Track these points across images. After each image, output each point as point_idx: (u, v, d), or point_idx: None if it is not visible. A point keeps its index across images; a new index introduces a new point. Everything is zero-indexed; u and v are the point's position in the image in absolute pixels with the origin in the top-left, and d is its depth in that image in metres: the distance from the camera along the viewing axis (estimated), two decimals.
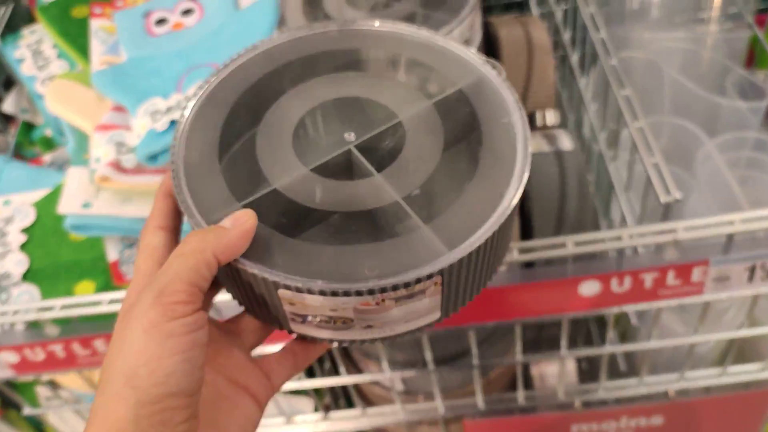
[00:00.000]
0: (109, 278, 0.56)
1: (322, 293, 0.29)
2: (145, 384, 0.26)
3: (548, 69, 0.74)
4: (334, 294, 0.29)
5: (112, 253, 0.56)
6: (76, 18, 0.70)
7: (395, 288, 0.29)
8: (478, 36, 0.64)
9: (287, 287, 0.29)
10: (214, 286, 0.34)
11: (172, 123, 0.54)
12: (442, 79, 0.38)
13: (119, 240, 0.57)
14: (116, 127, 0.57)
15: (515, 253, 0.45)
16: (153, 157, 0.53)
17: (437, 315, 0.33)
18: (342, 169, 0.34)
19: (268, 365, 0.34)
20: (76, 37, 0.68)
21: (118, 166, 0.54)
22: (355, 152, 0.34)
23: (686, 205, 0.64)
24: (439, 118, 0.36)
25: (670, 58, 0.82)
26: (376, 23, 0.41)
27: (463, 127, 0.36)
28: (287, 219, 0.32)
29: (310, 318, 0.31)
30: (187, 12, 0.64)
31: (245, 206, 0.31)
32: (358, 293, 0.29)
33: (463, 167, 0.34)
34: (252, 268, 0.29)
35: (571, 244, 0.45)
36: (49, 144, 0.75)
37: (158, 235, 0.33)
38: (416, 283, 0.29)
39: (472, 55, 0.39)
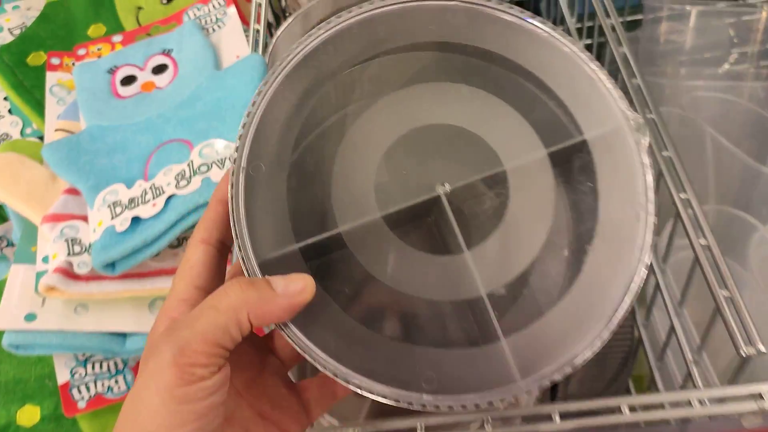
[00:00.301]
0: (58, 403, 0.46)
1: (370, 392, 0.26)
2: None
3: None
4: (384, 397, 0.26)
5: (62, 373, 0.46)
6: (33, 66, 0.60)
7: (450, 408, 0.26)
8: None
9: (335, 375, 0.26)
10: None
11: (135, 221, 0.44)
12: (567, 118, 0.31)
13: (72, 356, 0.47)
14: (69, 218, 0.47)
15: (556, 419, 0.36)
16: (111, 265, 0.44)
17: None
18: (423, 218, 0.30)
19: (307, 392, 0.31)
20: (31, 89, 0.58)
21: (68, 272, 0.44)
22: (445, 206, 0.29)
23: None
24: (551, 179, 0.30)
25: (705, 109, 0.72)
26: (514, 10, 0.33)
27: (578, 201, 0.30)
28: (346, 284, 0.28)
29: None
30: (159, 69, 0.54)
31: (301, 249, 0.28)
32: (409, 404, 0.26)
33: (565, 265, 0.29)
34: (297, 342, 0.26)
35: (626, 408, 0.36)
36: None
37: (199, 249, 0.29)
38: (474, 408, 0.26)
39: (615, 95, 0.31)
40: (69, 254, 0.45)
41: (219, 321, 0.25)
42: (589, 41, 0.71)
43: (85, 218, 0.47)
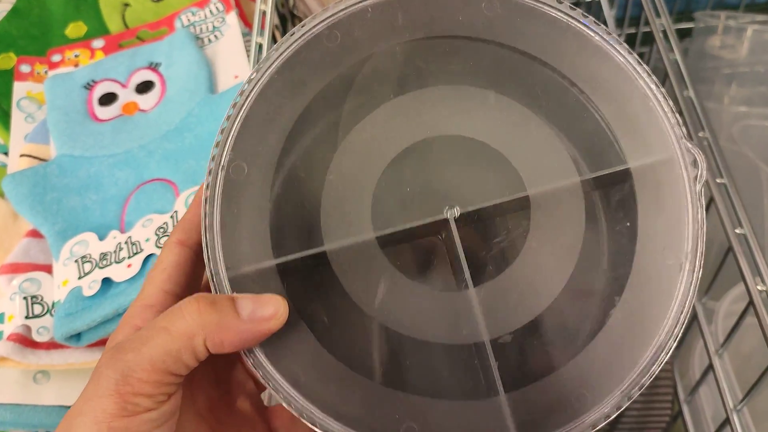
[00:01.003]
0: None
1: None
2: None
3: None
4: None
5: None
6: (2, 70, 0.52)
7: None
8: None
9: (300, 414, 0.23)
10: None
11: (106, 283, 0.37)
12: (610, 141, 0.26)
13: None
14: (31, 268, 0.40)
15: None
16: (76, 336, 0.37)
17: None
18: (425, 245, 0.26)
19: (278, 420, 0.28)
20: None
21: (25, 339, 0.37)
22: (453, 232, 0.25)
23: None
24: (582, 212, 0.26)
25: (758, 142, 0.65)
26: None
27: (611, 241, 0.25)
28: (326, 311, 0.24)
29: None
30: (144, 87, 0.46)
31: (279, 266, 0.24)
32: None
33: (586, 318, 0.24)
34: (261, 370, 0.23)
35: None
36: None
37: (174, 251, 0.26)
38: None
39: (672, 120, 0.26)
40: (27, 316, 0.38)
41: (170, 347, 0.22)
42: None
43: (49, 268, 0.40)
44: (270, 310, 0.23)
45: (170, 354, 0.22)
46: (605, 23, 0.64)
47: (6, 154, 0.50)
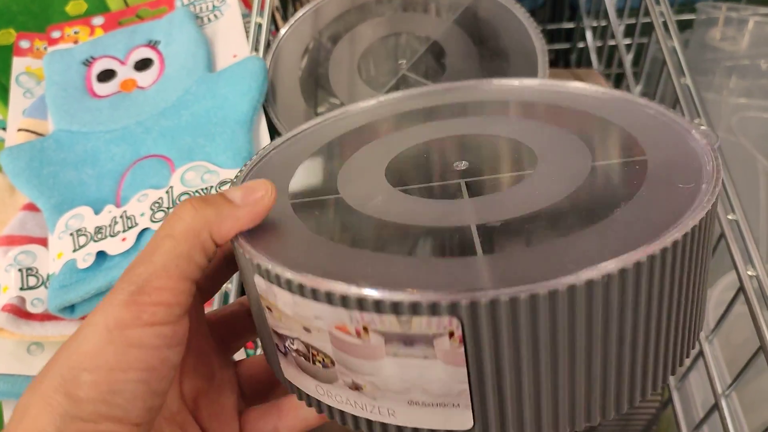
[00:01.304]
0: None
1: (288, 285, 0.20)
2: (83, 395, 0.21)
3: None
4: (300, 289, 0.20)
5: None
6: (1, 46, 0.52)
7: (377, 307, 0.19)
8: None
9: (259, 270, 0.22)
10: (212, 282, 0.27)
11: (101, 256, 0.37)
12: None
13: None
14: (26, 241, 0.41)
15: None
16: (70, 308, 0.37)
17: (467, 420, 0.20)
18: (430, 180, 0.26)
19: (247, 422, 0.27)
20: None
21: (20, 311, 0.38)
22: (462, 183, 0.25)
23: None
24: (588, 150, 0.26)
25: (757, 134, 0.65)
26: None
27: (618, 171, 0.25)
28: (320, 212, 0.25)
29: (288, 343, 0.22)
30: (142, 65, 0.46)
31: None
32: (328, 297, 0.19)
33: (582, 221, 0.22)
34: (238, 245, 0.23)
35: None
36: None
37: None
38: (410, 310, 0.18)
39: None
40: (22, 287, 0.39)
41: (179, 249, 0.22)
42: (628, 41, 0.63)
43: (44, 242, 0.41)
44: (259, 192, 0.24)
45: (181, 256, 0.22)
46: (606, 13, 0.64)
47: (4, 129, 0.50)
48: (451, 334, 0.19)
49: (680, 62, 0.47)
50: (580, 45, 0.76)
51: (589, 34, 0.72)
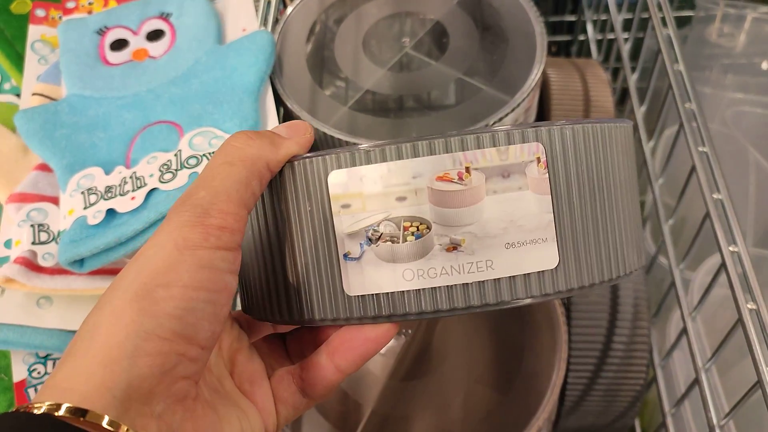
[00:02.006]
0: (12, 401, 0.42)
1: (382, 154, 0.22)
2: (159, 310, 0.20)
3: None
4: (398, 151, 0.22)
5: (19, 370, 0.42)
6: (17, 14, 0.53)
7: (478, 142, 0.22)
8: (533, 113, 0.49)
9: (338, 162, 0.23)
10: None
11: (110, 214, 0.39)
12: None
13: (31, 351, 0.42)
14: (38, 199, 0.42)
15: None
16: (79, 261, 0.39)
17: (554, 255, 0.23)
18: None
19: (275, 384, 0.27)
20: (13, 40, 0.52)
21: (31, 264, 0.39)
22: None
23: None
24: None
25: (750, 127, 0.66)
26: None
27: None
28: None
29: (371, 234, 0.23)
30: (154, 35, 0.48)
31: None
32: (430, 147, 0.22)
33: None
34: (300, 162, 0.24)
35: None
36: None
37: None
38: (506, 140, 0.22)
39: None
40: (34, 242, 0.40)
41: (238, 175, 0.22)
42: (626, 35, 0.64)
43: (56, 200, 0.42)
44: (301, 127, 0.26)
45: (241, 182, 0.22)
46: (607, 7, 0.65)
47: (18, 95, 0.52)
48: (539, 160, 0.22)
49: (674, 50, 0.48)
50: (581, 38, 0.77)
51: (590, 27, 0.74)
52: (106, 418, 0.19)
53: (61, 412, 0.19)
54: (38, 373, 0.42)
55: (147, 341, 0.20)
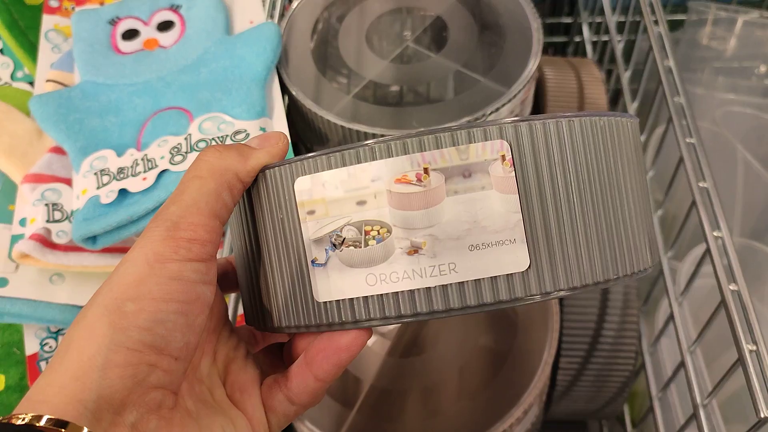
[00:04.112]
0: (24, 374, 0.44)
1: (342, 159, 0.22)
2: (128, 324, 0.21)
3: None
4: (357, 155, 0.22)
5: (31, 343, 0.43)
6: (30, 5, 0.55)
7: (437, 142, 0.21)
8: (529, 105, 0.51)
9: (303, 168, 0.23)
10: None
11: (122, 194, 0.41)
12: None
13: (43, 326, 0.44)
14: (52, 180, 0.44)
15: None
16: (92, 239, 0.40)
17: (523, 257, 0.21)
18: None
19: (264, 393, 0.27)
20: (27, 30, 0.54)
21: (45, 240, 0.41)
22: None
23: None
24: None
25: (739, 126, 0.68)
26: None
27: None
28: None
29: (334, 239, 0.22)
30: (164, 26, 0.50)
31: None
32: (388, 149, 0.21)
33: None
34: (269, 171, 0.24)
35: None
36: None
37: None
38: (467, 139, 0.21)
39: None
40: (48, 220, 0.42)
41: (207, 188, 0.23)
42: (619, 37, 0.66)
43: (69, 181, 0.44)
44: (274, 137, 0.26)
45: (210, 194, 0.23)
46: (602, 10, 0.67)
47: (31, 83, 0.54)
48: (503, 158, 0.21)
49: (665, 48, 0.50)
50: (577, 39, 0.80)
51: (585, 28, 0.76)
52: (85, 430, 0.20)
53: (42, 423, 0.19)
54: (50, 347, 0.44)
55: (116, 353, 0.21)
